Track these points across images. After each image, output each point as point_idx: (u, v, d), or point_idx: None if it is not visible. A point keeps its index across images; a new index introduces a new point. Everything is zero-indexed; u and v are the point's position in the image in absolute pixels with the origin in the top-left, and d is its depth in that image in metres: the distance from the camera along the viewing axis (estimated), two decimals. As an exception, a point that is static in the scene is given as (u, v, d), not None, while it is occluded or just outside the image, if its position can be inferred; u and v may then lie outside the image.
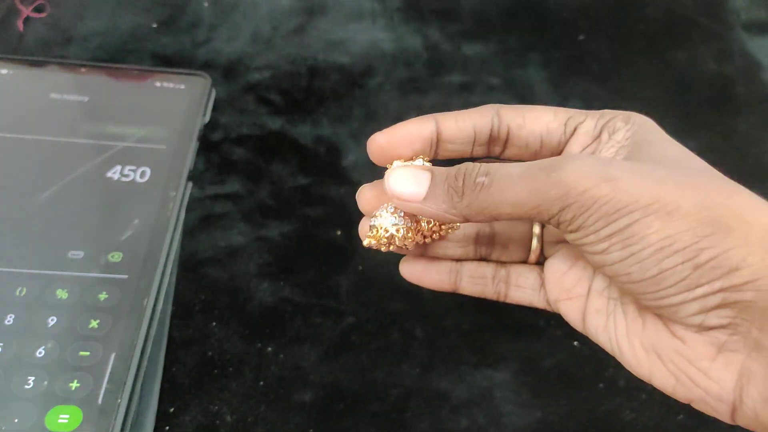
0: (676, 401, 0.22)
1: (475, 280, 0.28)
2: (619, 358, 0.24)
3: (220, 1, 0.48)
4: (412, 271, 0.28)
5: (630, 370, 0.24)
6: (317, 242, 0.36)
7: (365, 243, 0.26)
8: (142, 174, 0.37)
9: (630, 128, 0.25)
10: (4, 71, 0.41)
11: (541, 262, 0.28)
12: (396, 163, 0.26)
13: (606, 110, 0.26)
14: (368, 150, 0.26)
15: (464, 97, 0.44)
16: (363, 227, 0.27)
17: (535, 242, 0.28)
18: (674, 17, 0.50)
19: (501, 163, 0.24)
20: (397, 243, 0.25)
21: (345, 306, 0.34)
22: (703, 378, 0.21)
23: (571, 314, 0.26)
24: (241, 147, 0.40)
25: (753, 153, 0.42)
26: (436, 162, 0.26)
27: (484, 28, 0.49)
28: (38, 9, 0.46)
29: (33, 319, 0.30)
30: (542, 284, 0.27)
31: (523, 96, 0.44)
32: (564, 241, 0.27)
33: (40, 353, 0.29)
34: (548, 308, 0.27)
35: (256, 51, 0.45)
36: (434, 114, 0.27)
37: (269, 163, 0.40)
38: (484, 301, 0.34)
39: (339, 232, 0.37)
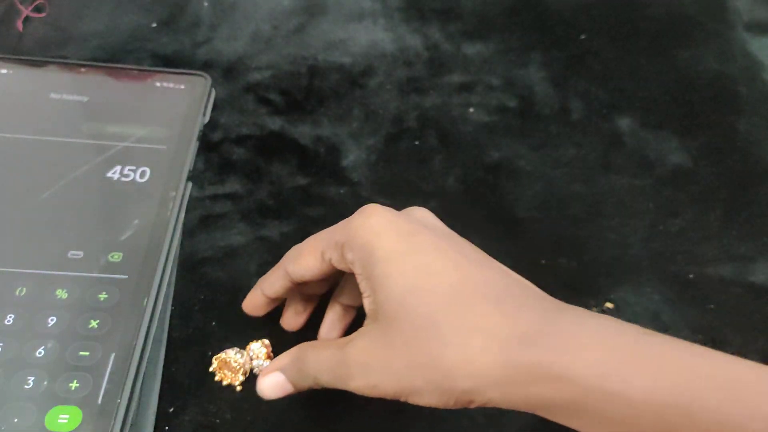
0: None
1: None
2: None
3: (220, 0, 0.48)
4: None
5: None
6: (317, 242, 0.36)
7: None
8: (142, 174, 0.37)
9: (355, 263, 0.26)
10: (4, 71, 0.41)
11: None
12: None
13: (336, 236, 0.27)
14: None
15: (464, 97, 0.44)
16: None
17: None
18: (676, 17, 0.50)
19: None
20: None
21: (345, 306, 0.34)
22: None
23: None
24: (241, 147, 0.40)
25: (755, 153, 0.42)
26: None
27: (484, 28, 0.49)
28: (38, 9, 0.46)
29: (33, 319, 0.30)
30: None
31: (524, 96, 0.44)
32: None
33: (39, 353, 0.29)
34: None
35: (256, 51, 0.45)
36: (259, 282, 0.31)
37: (269, 163, 0.39)
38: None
39: (339, 232, 0.36)
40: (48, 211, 0.35)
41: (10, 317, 0.30)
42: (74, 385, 0.29)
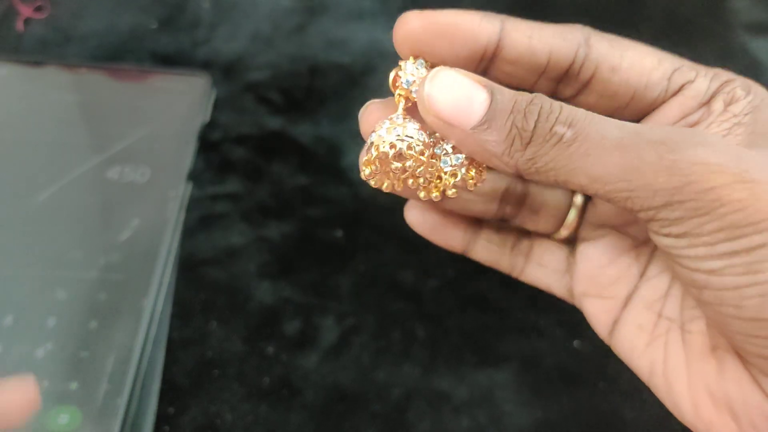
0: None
1: (491, 247, 0.23)
2: (659, 394, 0.19)
3: (220, 0, 0.48)
4: (422, 222, 0.23)
5: (674, 413, 0.19)
6: (317, 242, 0.36)
7: (364, 175, 0.19)
8: (142, 174, 0.37)
9: (751, 101, 0.19)
10: (4, 71, 0.41)
11: (571, 240, 0.23)
12: (409, 67, 0.17)
13: (720, 70, 0.20)
14: (394, 33, 0.20)
15: (465, 97, 0.44)
16: (362, 156, 0.20)
17: (572, 215, 0.23)
18: (675, 17, 0.50)
19: (589, 113, 0.17)
20: (405, 165, 0.18)
21: (345, 306, 0.34)
22: None
23: (598, 317, 0.21)
24: (241, 147, 0.40)
25: (754, 152, 0.42)
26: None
27: (484, 28, 0.48)
28: (38, 9, 0.46)
29: (32, 320, 0.30)
30: (568, 269, 0.23)
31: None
32: (609, 227, 0.22)
33: (39, 353, 0.29)
34: (567, 299, 0.23)
35: (256, 50, 0.45)
36: (502, 16, 0.19)
37: (269, 162, 0.39)
38: (485, 301, 0.34)
39: (339, 232, 0.36)
40: (47, 212, 0.34)
41: (10, 317, 0.30)
42: (74, 385, 0.29)
